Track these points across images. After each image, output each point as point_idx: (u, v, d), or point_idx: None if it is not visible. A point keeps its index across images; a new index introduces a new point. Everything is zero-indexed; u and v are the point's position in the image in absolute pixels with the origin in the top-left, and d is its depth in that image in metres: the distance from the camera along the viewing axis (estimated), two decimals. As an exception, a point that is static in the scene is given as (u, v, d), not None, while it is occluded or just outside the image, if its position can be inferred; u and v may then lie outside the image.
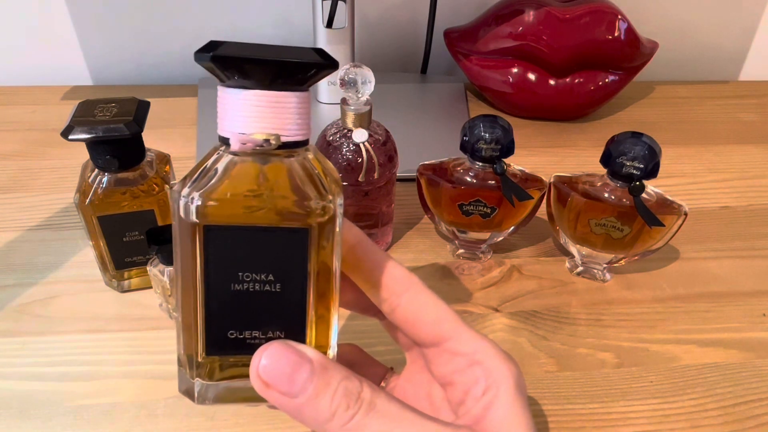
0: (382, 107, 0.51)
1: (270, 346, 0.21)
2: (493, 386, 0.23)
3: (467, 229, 0.45)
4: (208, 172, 0.22)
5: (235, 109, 0.21)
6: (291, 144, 0.22)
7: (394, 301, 0.25)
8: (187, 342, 0.23)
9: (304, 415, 0.21)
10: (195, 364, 0.23)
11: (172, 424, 0.34)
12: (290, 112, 0.21)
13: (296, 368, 0.21)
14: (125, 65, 0.71)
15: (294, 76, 0.21)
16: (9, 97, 0.66)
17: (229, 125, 0.21)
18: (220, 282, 0.22)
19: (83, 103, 0.38)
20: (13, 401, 0.35)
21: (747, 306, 0.44)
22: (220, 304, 0.22)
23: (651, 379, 0.38)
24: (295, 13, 0.70)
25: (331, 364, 0.22)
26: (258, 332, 0.23)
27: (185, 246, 0.21)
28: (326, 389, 0.21)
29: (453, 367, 0.24)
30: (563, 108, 0.65)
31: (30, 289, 0.43)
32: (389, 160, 0.43)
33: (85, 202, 0.38)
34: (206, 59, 0.20)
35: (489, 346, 0.24)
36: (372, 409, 0.21)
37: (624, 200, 0.41)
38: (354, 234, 0.25)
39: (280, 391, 0.21)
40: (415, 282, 0.25)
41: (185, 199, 0.21)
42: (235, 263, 0.22)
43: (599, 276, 0.45)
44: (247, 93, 0.21)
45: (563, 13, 0.60)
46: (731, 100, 0.72)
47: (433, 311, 0.25)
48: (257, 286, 0.22)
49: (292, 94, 0.21)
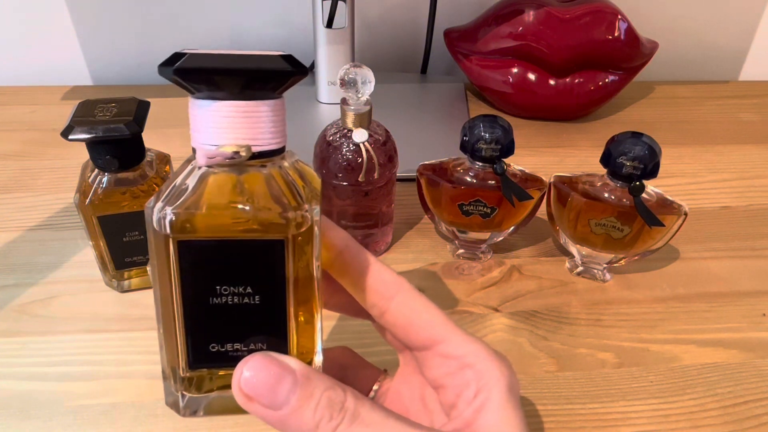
0: (382, 107, 0.51)
1: (251, 359, 0.21)
2: (485, 389, 0.23)
3: (467, 229, 0.45)
4: (181, 186, 0.21)
5: (204, 121, 0.20)
6: (266, 153, 0.21)
7: (383, 306, 0.25)
8: (170, 355, 0.23)
9: (288, 427, 0.21)
10: (179, 378, 0.23)
11: (172, 424, 0.34)
12: (261, 121, 0.21)
13: (279, 380, 0.21)
14: (125, 65, 0.71)
15: (261, 84, 0.21)
16: (9, 97, 0.66)
17: (198, 138, 0.21)
18: (198, 296, 0.22)
19: (83, 103, 0.38)
20: (13, 401, 0.35)
21: (747, 306, 0.44)
22: (199, 318, 0.22)
23: (651, 379, 0.38)
24: (295, 13, 0.70)
25: (314, 374, 0.21)
26: (240, 344, 0.23)
27: (161, 261, 0.21)
28: (309, 400, 0.21)
29: (444, 371, 0.24)
30: (563, 108, 0.65)
31: (30, 289, 0.43)
32: (389, 160, 0.43)
33: (85, 202, 0.38)
34: (169, 73, 0.20)
35: (480, 348, 0.24)
36: (356, 419, 0.21)
37: (624, 200, 0.41)
38: (341, 238, 0.25)
39: (262, 403, 0.21)
40: (405, 285, 0.25)
41: (158, 214, 0.20)
42: (211, 277, 0.21)
43: (599, 276, 0.45)
44: (214, 104, 0.20)
45: (563, 13, 0.60)
46: (731, 100, 0.72)
47: (423, 315, 0.25)
48: (236, 299, 0.22)
49: (261, 103, 0.21)
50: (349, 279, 0.25)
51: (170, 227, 0.20)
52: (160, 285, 0.22)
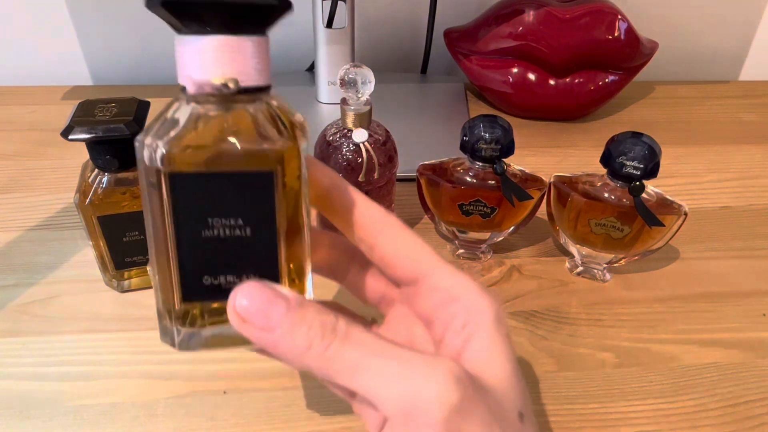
0: (382, 107, 0.51)
1: (246, 285, 0.22)
2: (472, 320, 0.23)
3: (467, 229, 0.45)
4: (170, 121, 0.22)
5: (192, 56, 0.21)
6: (252, 89, 0.22)
7: (371, 240, 0.25)
8: (164, 292, 0.23)
9: (280, 349, 0.21)
10: (173, 314, 0.23)
11: (172, 424, 0.34)
12: (248, 56, 0.21)
13: (272, 304, 0.21)
14: (125, 65, 0.71)
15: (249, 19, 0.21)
16: (9, 97, 0.66)
17: (186, 73, 0.21)
18: (190, 229, 0.22)
19: (83, 103, 0.38)
20: (14, 401, 0.35)
21: (747, 306, 0.44)
22: (192, 251, 0.22)
23: (651, 379, 0.38)
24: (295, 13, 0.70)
25: (305, 300, 0.22)
26: (232, 277, 0.23)
27: (152, 196, 0.22)
28: (302, 323, 0.21)
29: (433, 304, 0.25)
30: (563, 108, 0.65)
31: (30, 289, 0.43)
32: (389, 160, 0.43)
33: (85, 202, 0.38)
34: (157, 4, 0.20)
35: (467, 280, 0.24)
36: (347, 339, 0.21)
37: (624, 200, 0.41)
38: (328, 175, 0.25)
39: (256, 326, 0.21)
40: (393, 220, 0.25)
41: (149, 148, 0.21)
42: (203, 210, 0.22)
43: (599, 276, 0.45)
44: (202, 38, 0.21)
45: (563, 13, 0.60)
46: (731, 100, 0.72)
47: (411, 248, 0.25)
48: (227, 231, 0.22)
49: (248, 38, 0.21)
50: (338, 215, 0.26)
51: (161, 161, 0.21)
52: (153, 220, 0.22)
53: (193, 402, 0.35)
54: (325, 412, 0.35)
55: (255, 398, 0.36)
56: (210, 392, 0.36)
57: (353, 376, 0.21)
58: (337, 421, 0.35)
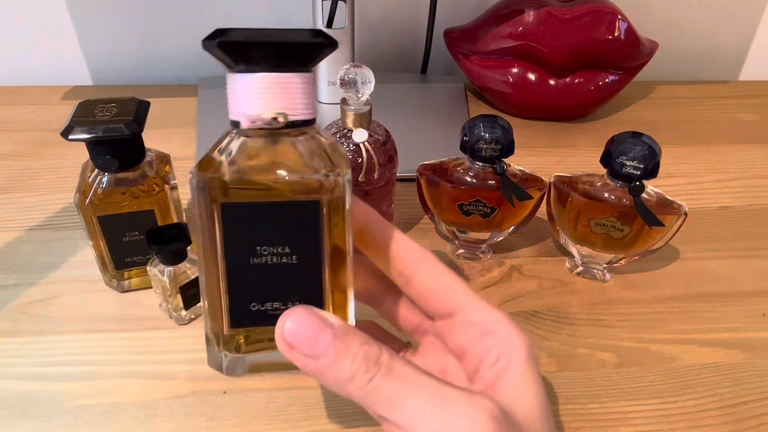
0: (382, 107, 0.51)
1: (294, 311, 0.22)
2: (506, 354, 0.24)
3: (467, 229, 0.45)
4: (222, 153, 0.23)
5: (244, 93, 0.22)
6: (299, 123, 0.23)
7: (409, 274, 0.26)
8: (213, 317, 0.24)
9: (325, 377, 0.22)
10: (222, 339, 0.24)
11: (172, 424, 0.34)
12: (296, 92, 0.23)
13: (319, 331, 0.22)
14: (125, 65, 0.71)
15: (297, 57, 0.22)
16: (9, 97, 0.66)
17: (239, 108, 0.23)
18: (240, 257, 0.23)
19: (83, 103, 0.38)
20: (14, 401, 0.35)
21: (747, 306, 0.44)
22: (241, 278, 0.23)
23: (651, 379, 0.38)
24: (295, 13, 0.70)
25: (351, 329, 0.23)
26: (279, 303, 0.24)
27: (205, 226, 0.23)
28: (347, 353, 0.22)
29: (467, 337, 0.25)
30: (563, 108, 0.65)
31: (30, 289, 0.43)
32: (389, 160, 0.43)
33: (85, 202, 0.38)
34: (213, 46, 0.21)
35: (502, 316, 0.25)
36: (390, 372, 0.22)
37: (624, 200, 0.41)
38: (366, 211, 0.26)
39: (303, 352, 0.22)
40: (429, 255, 0.26)
41: (202, 180, 0.22)
42: (252, 238, 0.23)
43: (599, 276, 0.45)
44: (254, 76, 0.22)
45: (563, 13, 0.60)
46: (731, 100, 0.72)
47: (448, 283, 0.26)
48: (275, 259, 0.23)
49: (296, 75, 0.22)
50: (376, 250, 0.26)
51: (214, 190, 0.22)
52: (204, 248, 0.23)
53: (193, 402, 0.35)
54: (325, 412, 0.35)
55: (255, 398, 0.36)
56: (210, 392, 0.36)
57: (393, 409, 0.22)
58: (337, 421, 0.35)
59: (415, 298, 0.27)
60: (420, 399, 0.22)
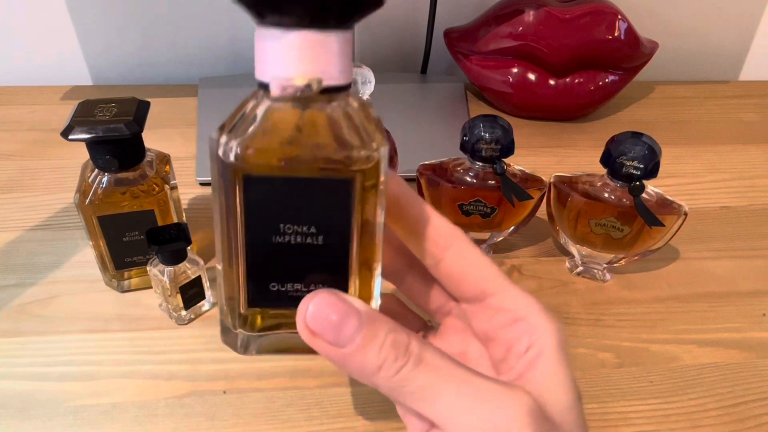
0: (382, 107, 0.51)
1: (318, 295, 0.21)
2: (537, 343, 0.23)
3: (467, 229, 0.45)
4: (247, 119, 0.20)
5: (274, 52, 0.19)
6: (333, 89, 0.20)
7: (438, 254, 0.24)
8: (229, 294, 0.22)
9: (350, 366, 0.21)
10: (237, 315, 0.23)
11: (172, 424, 0.34)
12: (332, 54, 0.20)
13: (344, 318, 0.20)
14: (125, 65, 0.71)
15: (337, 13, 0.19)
16: (9, 97, 0.66)
17: (268, 69, 0.20)
18: (261, 234, 0.21)
19: (83, 103, 0.38)
20: (13, 401, 0.35)
21: (747, 306, 0.44)
22: (261, 256, 0.22)
23: (651, 379, 0.38)
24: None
25: (378, 315, 0.21)
26: (300, 285, 0.22)
27: (224, 198, 0.21)
28: (374, 340, 0.20)
29: (496, 323, 0.24)
30: (563, 108, 0.65)
31: (30, 289, 0.43)
32: (389, 160, 0.43)
33: (85, 202, 0.38)
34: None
35: (533, 302, 0.24)
36: (420, 362, 0.21)
37: (624, 200, 0.41)
38: (398, 183, 0.24)
39: (327, 340, 0.20)
40: (460, 236, 0.25)
41: (224, 147, 0.20)
42: (276, 215, 0.21)
43: (599, 276, 0.45)
44: (286, 34, 0.19)
45: (563, 13, 0.60)
46: (731, 100, 0.72)
47: (479, 266, 0.24)
48: (299, 239, 0.21)
49: (334, 35, 0.20)
50: (405, 225, 0.25)
51: (237, 160, 0.20)
52: (221, 221, 0.21)
53: (193, 402, 0.35)
54: (325, 412, 0.35)
55: (255, 398, 0.36)
56: (210, 392, 0.36)
57: (424, 401, 0.21)
58: (337, 421, 0.35)
59: (442, 279, 0.25)
60: (453, 392, 0.20)
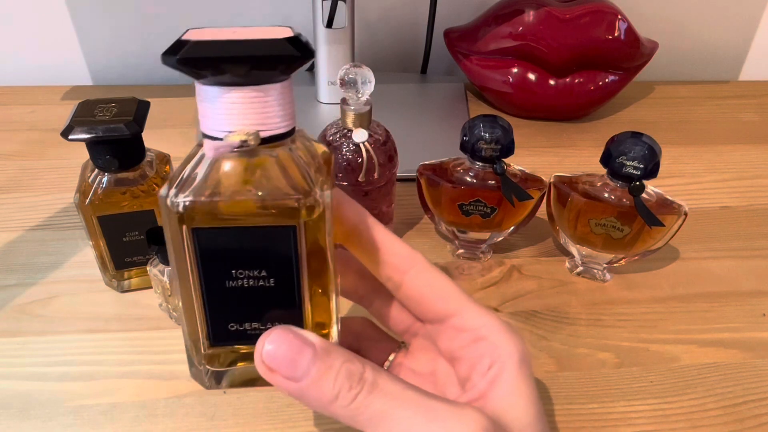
0: (382, 107, 0.51)
1: (272, 332, 0.22)
2: (498, 361, 0.23)
3: (467, 229, 0.45)
4: (193, 173, 0.21)
5: (213, 109, 0.20)
6: (275, 137, 0.21)
7: (398, 278, 0.25)
8: (192, 335, 0.23)
9: (308, 398, 0.21)
10: (201, 354, 0.24)
11: (172, 424, 0.34)
12: (269, 105, 0.20)
13: (299, 352, 0.21)
14: (125, 65, 0.71)
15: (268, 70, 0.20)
16: (9, 97, 0.66)
17: (208, 124, 0.20)
18: (215, 279, 0.22)
19: (83, 103, 0.38)
20: (13, 401, 0.35)
21: (747, 306, 0.44)
22: (217, 300, 0.23)
23: (651, 379, 0.38)
24: (295, 13, 0.70)
25: (333, 347, 0.22)
26: (258, 323, 0.23)
27: (176, 247, 0.22)
28: (329, 372, 0.21)
29: (459, 343, 0.25)
30: (563, 108, 0.65)
31: (30, 289, 0.43)
32: (389, 160, 0.43)
33: (85, 202, 0.38)
34: (173, 62, 0.19)
35: (494, 321, 0.24)
36: (374, 389, 0.21)
37: (624, 200, 0.41)
38: (356, 212, 0.25)
39: (283, 375, 0.21)
40: (419, 259, 0.26)
41: (171, 200, 0.20)
42: (227, 262, 0.22)
43: (599, 276, 0.45)
44: (220, 91, 0.19)
45: (563, 13, 0.60)
46: (731, 100, 0.72)
47: (438, 288, 0.25)
48: (251, 282, 0.22)
49: (269, 87, 0.20)
50: (365, 252, 0.25)
51: (182, 215, 0.21)
52: (177, 269, 0.22)
53: (193, 402, 0.35)
54: (325, 412, 0.35)
55: (255, 398, 0.36)
56: (210, 392, 0.36)
57: (381, 427, 0.21)
58: (337, 420, 0.35)
59: (405, 302, 0.26)
60: (406, 415, 0.21)
